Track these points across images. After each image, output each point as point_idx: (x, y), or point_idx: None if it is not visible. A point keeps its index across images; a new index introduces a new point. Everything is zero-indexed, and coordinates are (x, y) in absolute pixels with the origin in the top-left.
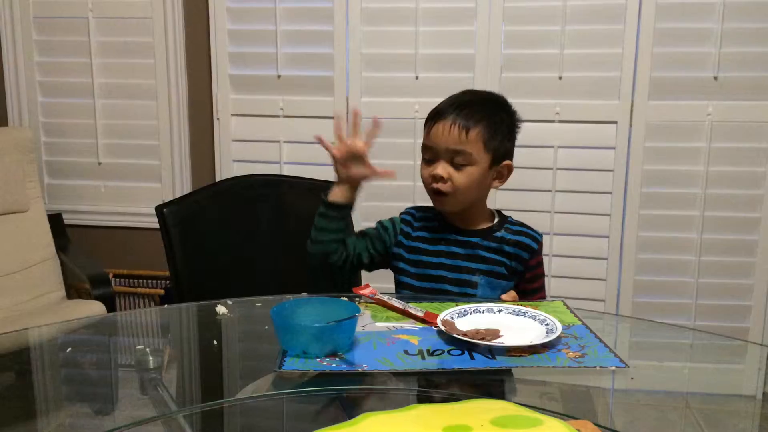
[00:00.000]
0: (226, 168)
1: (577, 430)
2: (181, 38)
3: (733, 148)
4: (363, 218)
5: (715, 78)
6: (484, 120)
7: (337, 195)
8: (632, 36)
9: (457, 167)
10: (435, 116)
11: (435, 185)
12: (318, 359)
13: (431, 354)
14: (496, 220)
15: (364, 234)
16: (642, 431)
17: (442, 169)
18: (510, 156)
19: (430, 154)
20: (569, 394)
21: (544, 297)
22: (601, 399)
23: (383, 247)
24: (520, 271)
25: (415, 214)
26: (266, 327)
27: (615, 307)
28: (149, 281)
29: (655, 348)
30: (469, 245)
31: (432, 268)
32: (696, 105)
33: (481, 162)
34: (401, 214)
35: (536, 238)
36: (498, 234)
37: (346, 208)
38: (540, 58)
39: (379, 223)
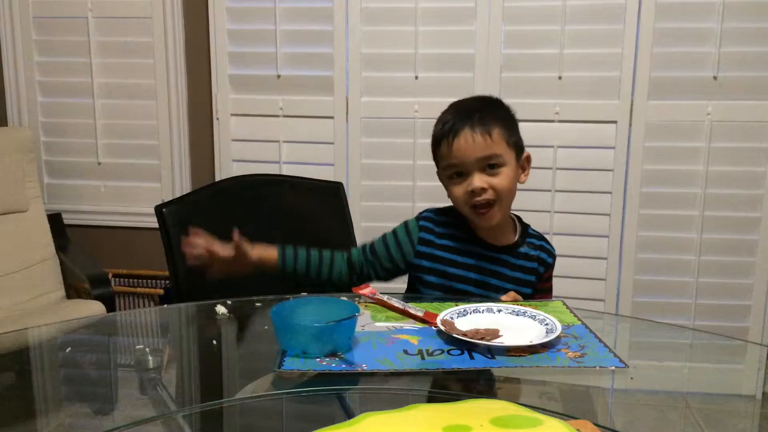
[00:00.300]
0: (226, 168)
1: (577, 430)
2: (181, 38)
3: (732, 147)
4: (363, 218)
5: (715, 78)
6: (498, 119)
7: (267, 269)
8: (632, 36)
9: (491, 173)
10: (449, 132)
11: (477, 199)
12: (317, 359)
13: (431, 354)
14: (518, 230)
15: (373, 251)
16: (642, 431)
17: (479, 180)
18: (524, 147)
19: (458, 170)
20: (569, 394)
21: (550, 299)
22: (601, 399)
23: (392, 265)
24: (535, 284)
25: (435, 218)
26: (266, 327)
27: (615, 307)
28: (149, 281)
29: (654, 348)
30: (497, 262)
31: (458, 282)
32: (696, 105)
33: (510, 160)
34: (419, 219)
35: (552, 253)
36: (522, 250)
37: (278, 267)
38: (540, 58)
39: (393, 235)
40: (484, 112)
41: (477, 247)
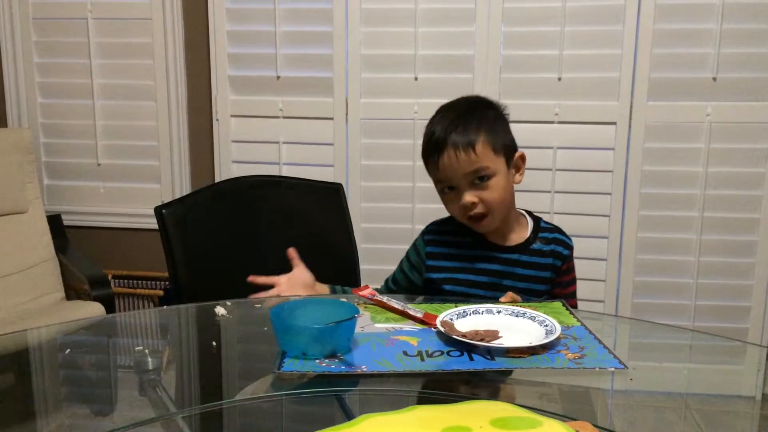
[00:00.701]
0: (226, 169)
1: (576, 431)
2: (181, 39)
3: (732, 148)
4: (363, 219)
5: (714, 79)
6: (480, 126)
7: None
8: (631, 37)
9: (481, 186)
10: (434, 149)
11: (470, 213)
12: (317, 360)
13: (430, 355)
14: (530, 226)
15: (395, 281)
16: None
17: (469, 196)
18: (516, 146)
19: (448, 185)
20: (568, 395)
21: (574, 291)
22: (601, 400)
23: (413, 287)
24: (553, 279)
25: (439, 229)
26: (265, 328)
27: (614, 308)
28: (148, 282)
29: (654, 349)
30: (508, 262)
31: (471, 287)
32: (695, 106)
33: (500, 168)
34: (423, 235)
35: (568, 244)
36: (535, 246)
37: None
38: (539, 58)
39: (407, 259)
40: (466, 123)
41: (485, 251)
